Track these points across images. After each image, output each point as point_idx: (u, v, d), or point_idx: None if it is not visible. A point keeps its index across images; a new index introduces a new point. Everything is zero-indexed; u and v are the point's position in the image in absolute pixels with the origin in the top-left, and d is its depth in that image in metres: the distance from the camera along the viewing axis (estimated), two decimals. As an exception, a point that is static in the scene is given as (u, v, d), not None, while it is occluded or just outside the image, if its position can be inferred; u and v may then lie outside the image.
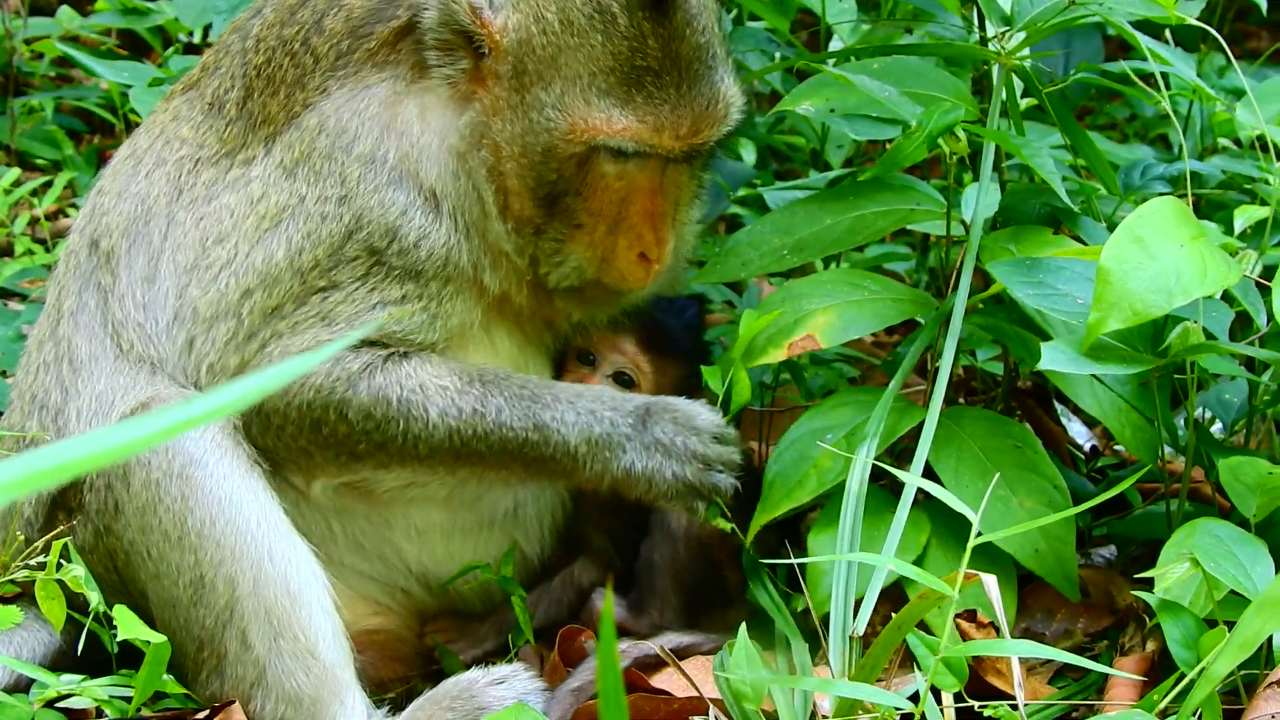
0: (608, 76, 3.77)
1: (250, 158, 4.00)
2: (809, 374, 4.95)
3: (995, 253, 4.00)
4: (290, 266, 3.88)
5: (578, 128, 3.80)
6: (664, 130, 3.81)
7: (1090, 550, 4.42)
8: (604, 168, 3.86)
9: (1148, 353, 3.73)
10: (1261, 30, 8.41)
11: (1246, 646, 2.98)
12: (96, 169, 6.80)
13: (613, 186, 3.89)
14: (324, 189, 3.88)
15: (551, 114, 3.80)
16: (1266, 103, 4.18)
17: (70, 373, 4.02)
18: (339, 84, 3.94)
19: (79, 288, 4.10)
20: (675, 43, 3.77)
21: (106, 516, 3.85)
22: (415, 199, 3.88)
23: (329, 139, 3.90)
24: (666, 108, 3.79)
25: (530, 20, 3.80)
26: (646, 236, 3.93)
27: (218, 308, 3.92)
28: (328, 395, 3.87)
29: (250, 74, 4.04)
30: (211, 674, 3.82)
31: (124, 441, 1.34)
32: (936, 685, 3.28)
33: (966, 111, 4.12)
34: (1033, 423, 4.50)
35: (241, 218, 3.94)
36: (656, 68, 3.77)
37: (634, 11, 3.74)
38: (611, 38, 3.75)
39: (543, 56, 3.80)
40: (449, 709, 3.82)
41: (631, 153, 3.83)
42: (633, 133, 3.79)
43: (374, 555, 4.14)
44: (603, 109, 3.78)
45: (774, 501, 3.95)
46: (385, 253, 3.87)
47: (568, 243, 3.94)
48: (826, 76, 4.35)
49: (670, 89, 3.79)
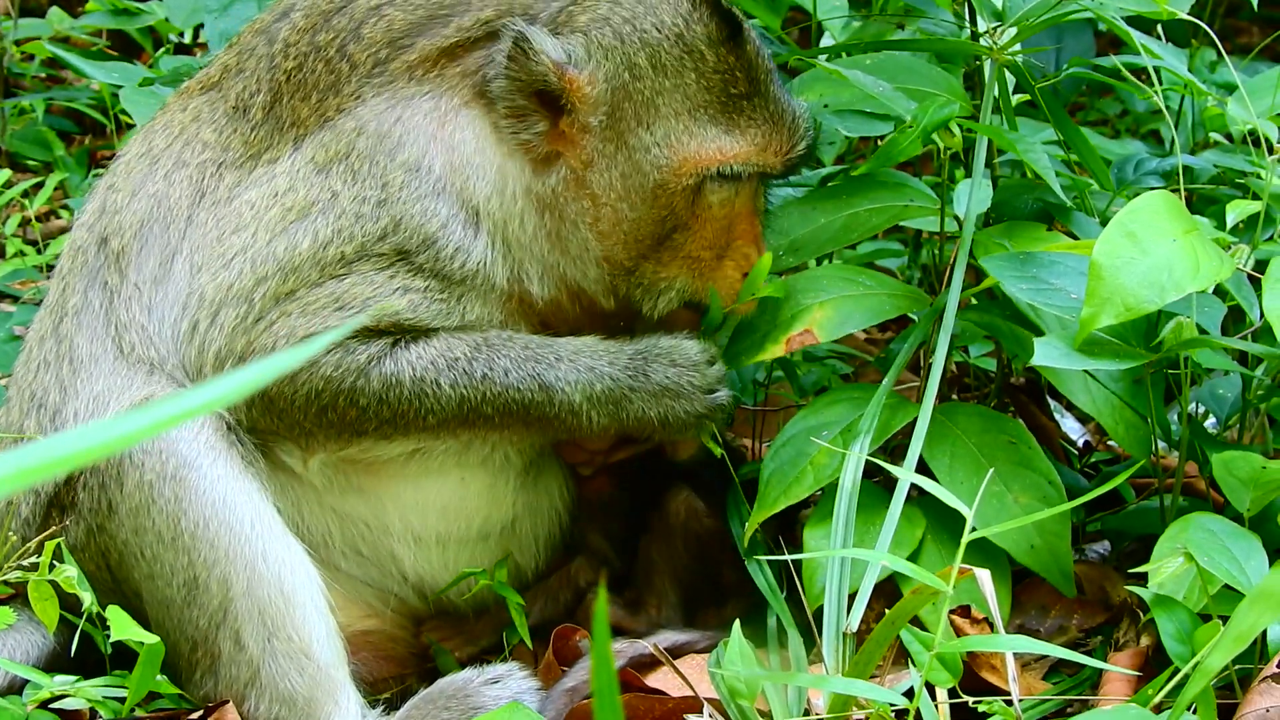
0: (708, 109, 3.92)
1: (276, 157, 3.98)
2: (802, 371, 4.95)
3: (988, 248, 4.00)
4: (313, 257, 3.87)
5: (689, 160, 3.91)
6: (769, 148, 3.97)
7: (1084, 546, 4.42)
8: (711, 197, 3.97)
9: (1141, 348, 3.73)
10: (1252, 26, 8.41)
11: (1241, 640, 2.97)
12: (88, 170, 6.80)
13: (718, 215, 4.00)
14: (362, 189, 3.87)
15: (658, 153, 3.90)
16: (1258, 97, 4.18)
17: (70, 373, 4.00)
18: (375, 92, 3.93)
19: (84, 286, 4.07)
20: (755, 69, 3.97)
21: (100, 516, 3.84)
22: (458, 213, 3.89)
23: (369, 141, 3.89)
24: (767, 128, 3.96)
25: (621, 68, 3.88)
26: (752, 256, 4.04)
27: (228, 293, 3.89)
28: (339, 384, 3.87)
29: (279, 78, 4.02)
30: (205, 674, 3.81)
31: (116, 436, 1.34)
32: (931, 681, 3.27)
33: (960, 107, 4.12)
34: (1026, 419, 4.49)
35: (264, 209, 3.92)
36: (748, 91, 3.95)
37: (718, 46, 3.92)
38: (704, 74, 3.91)
39: (640, 100, 3.90)
40: (444, 708, 3.81)
41: (743, 176, 3.98)
42: (744, 156, 3.95)
43: (370, 561, 4.13)
44: (711, 138, 3.92)
45: (770, 499, 3.95)
46: (416, 256, 3.88)
47: (669, 274, 4.01)
48: (819, 72, 4.36)
49: (763, 110, 3.97)
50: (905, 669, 3.68)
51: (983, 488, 3.45)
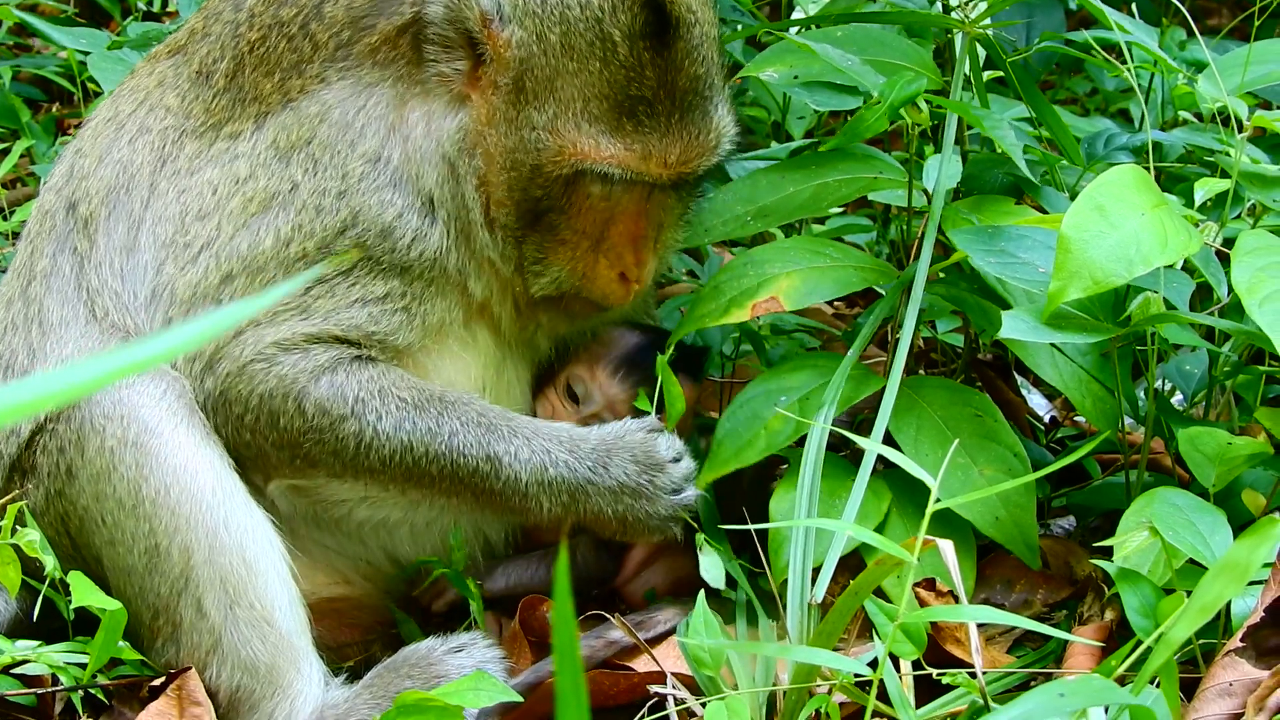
0: (601, 103, 3.78)
1: (237, 132, 3.97)
2: (770, 344, 4.94)
3: (957, 222, 4.00)
4: (276, 256, 3.86)
5: (566, 151, 3.81)
6: (651, 158, 3.83)
7: (1049, 521, 4.43)
8: (590, 189, 3.88)
9: (1109, 323, 3.73)
10: (1222, 7, 8.42)
11: (1204, 613, 2.97)
12: (55, 137, 6.76)
13: (597, 207, 3.91)
14: (322, 180, 3.86)
15: (542, 135, 3.81)
16: (1228, 74, 4.17)
17: (39, 335, 3.99)
18: (340, 76, 3.91)
19: (54, 250, 4.07)
20: (672, 73, 3.79)
21: (60, 481, 3.82)
22: (413, 202, 3.87)
23: (332, 130, 3.88)
24: (655, 136, 3.81)
25: (534, 39, 3.79)
26: (627, 258, 3.97)
27: (196, 290, 3.90)
28: (289, 384, 3.85)
29: (243, 48, 4.01)
30: (167, 642, 3.80)
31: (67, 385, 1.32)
32: (895, 653, 3.27)
33: (929, 81, 4.11)
34: (992, 394, 4.49)
35: (226, 196, 3.92)
36: (650, 97, 3.79)
37: (635, 41, 3.76)
38: (610, 65, 3.76)
39: (540, 77, 3.80)
40: (407, 676, 3.80)
41: (618, 178, 3.84)
42: (620, 160, 3.81)
43: (340, 533, 4.11)
44: (592, 135, 3.79)
45: (722, 459, 3.92)
46: (375, 249, 3.86)
47: (549, 255, 3.96)
48: (789, 44, 4.34)
49: (661, 118, 3.81)
50: (870, 641, 3.69)
51: (947, 459, 3.44)
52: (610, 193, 3.89)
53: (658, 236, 4.06)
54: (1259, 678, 3.36)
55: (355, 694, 3.85)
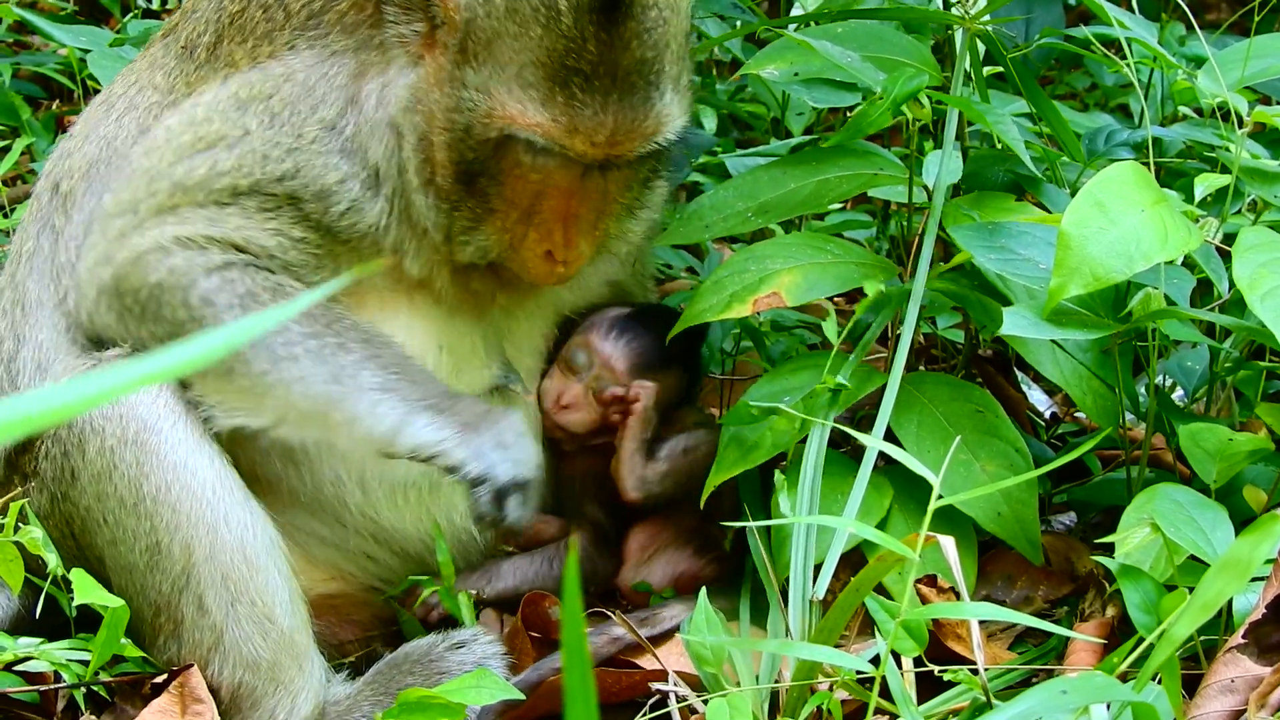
0: (536, 70, 3.69)
1: (204, 90, 3.97)
2: (770, 340, 4.94)
3: (958, 218, 3.99)
4: (203, 183, 3.83)
5: (495, 114, 3.73)
6: (578, 134, 3.72)
7: (1050, 517, 4.43)
8: (520, 157, 3.79)
9: (1109, 319, 3.73)
10: (1221, 2, 8.42)
11: (1206, 609, 2.98)
12: (55, 135, 6.75)
13: (528, 178, 3.83)
14: (276, 135, 3.84)
15: (475, 95, 3.75)
16: (1228, 69, 4.17)
17: (22, 318, 4.01)
18: (309, 44, 3.90)
19: (36, 230, 4.09)
20: (616, 51, 3.68)
21: (63, 484, 3.83)
22: (359, 172, 3.84)
23: (295, 89, 3.86)
24: (588, 112, 3.70)
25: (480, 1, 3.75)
26: (555, 236, 3.89)
27: (119, 206, 3.88)
28: (179, 275, 3.79)
29: (224, 21, 4.01)
30: (169, 639, 3.80)
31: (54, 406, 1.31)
32: (896, 650, 3.27)
33: (930, 77, 4.11)
34: (993, 390, 4.48)
35: (178, 134, 3.90)
36: (588, 71, 3.68)
37: (581, 13, 3.64)
38: (550, 33, 3.65)
39: (482, 39, 3.73)
40: (409, 673, 3.80)
41: (542, 149, 3.76)
42: (544, 130, 3.72)
43: (330, 517, 4.09)
44: (521, 101, 3.71)
45: (729, 463, 3.93)
46: (308, 205, 3.84)
47: (480, 223, 3.89)
48: (789, 41, 4.33)
49: (598, 95, 3.70)
50: (871, 638, 3.69)
51: (949, 455, 3.44)
52: (540, 165, 3.79)
53: (597, 221, 3.97)
54: (1261, 674, 3.37)
55: (357, 690, 3.85)
